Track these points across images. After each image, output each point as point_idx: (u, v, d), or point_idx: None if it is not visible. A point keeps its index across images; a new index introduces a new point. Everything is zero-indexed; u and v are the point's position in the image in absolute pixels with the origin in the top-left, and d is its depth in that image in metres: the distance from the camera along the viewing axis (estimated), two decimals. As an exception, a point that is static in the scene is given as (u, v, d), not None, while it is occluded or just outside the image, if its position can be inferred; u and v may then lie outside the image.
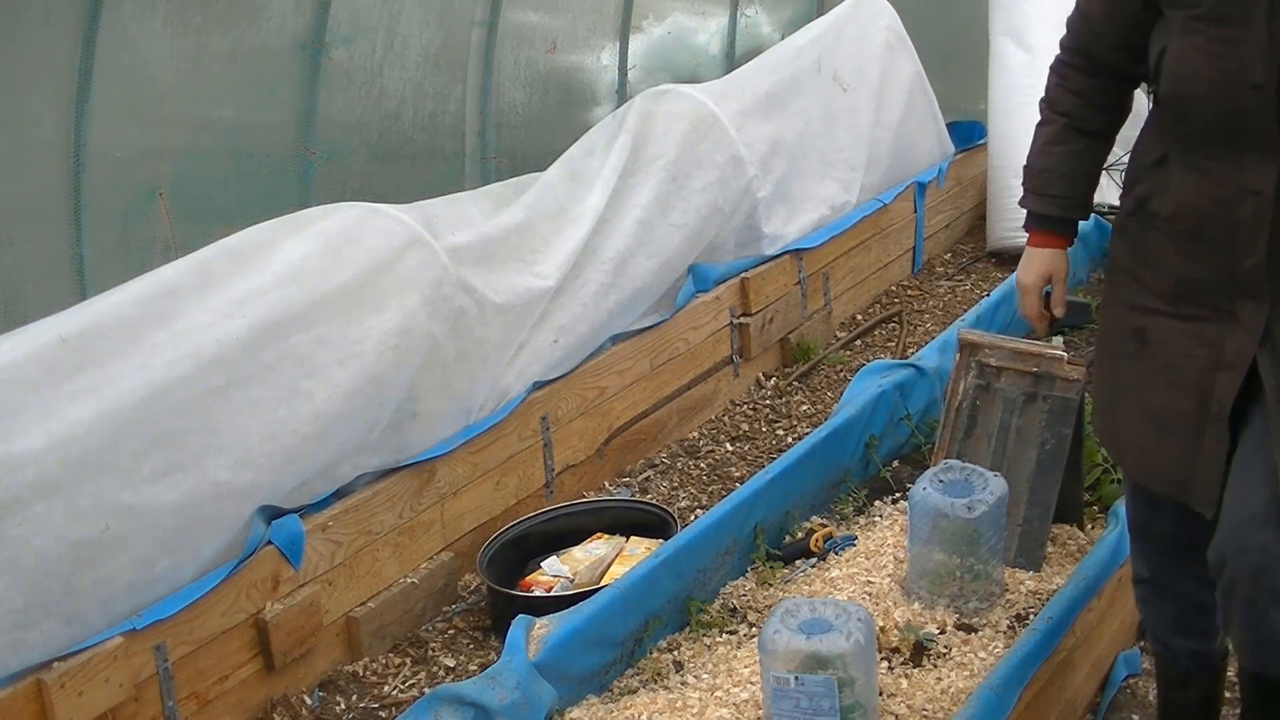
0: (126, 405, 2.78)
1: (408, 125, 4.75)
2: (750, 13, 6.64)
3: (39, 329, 2.79)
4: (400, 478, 3.44)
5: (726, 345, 4.77)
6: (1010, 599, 3.22)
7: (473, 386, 3.67)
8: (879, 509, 3.78)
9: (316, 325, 3.21)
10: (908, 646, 3.03)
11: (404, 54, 4.65)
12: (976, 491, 3.13)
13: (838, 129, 5.52)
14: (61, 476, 2.65)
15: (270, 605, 3.07)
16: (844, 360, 5.12)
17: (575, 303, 4.07)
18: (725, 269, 4.80)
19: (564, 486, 4.02)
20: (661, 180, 4.40)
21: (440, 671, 3.30)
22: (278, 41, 4.20)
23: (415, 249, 3.49)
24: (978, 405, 3.54)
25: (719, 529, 3.35)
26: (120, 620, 2.77)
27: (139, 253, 3.78)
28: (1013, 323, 4.92)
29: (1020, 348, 3.55)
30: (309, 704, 3.16)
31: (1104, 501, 3.56)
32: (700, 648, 3.16)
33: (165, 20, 3.79)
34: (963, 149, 6.63)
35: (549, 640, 2.87)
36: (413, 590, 3.44)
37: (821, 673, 2.56)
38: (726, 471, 4.30)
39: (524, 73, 5.25)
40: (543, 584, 3.47)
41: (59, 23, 3.51)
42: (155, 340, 2.90)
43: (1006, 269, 5.85)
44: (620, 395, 4.23)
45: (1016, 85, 6.27)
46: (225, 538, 3.01)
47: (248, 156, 4.20)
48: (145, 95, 3.84)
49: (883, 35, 5.92)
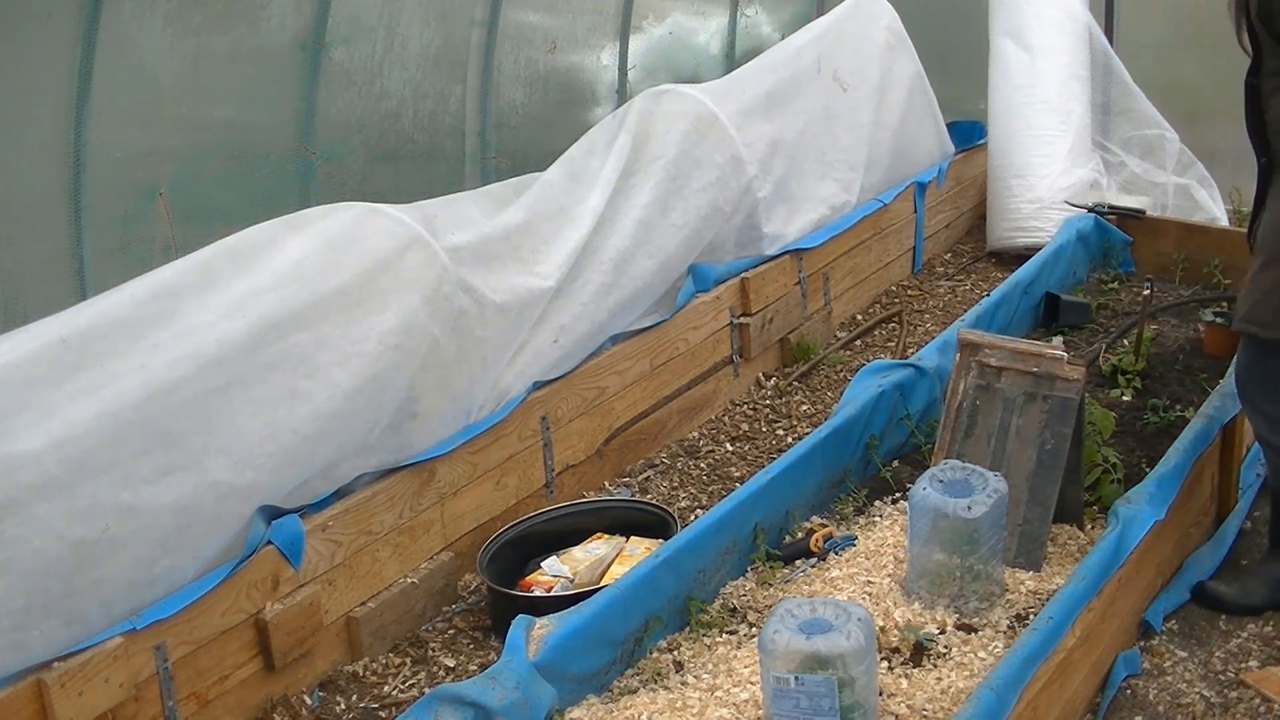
0: (126, 405, 2.78)
1: (408, 125, 4.75)
2: (750, 13, 6.65)
3: (39, 329, 2.79)
4: (400, 478, 3.44)
5: (726, 345, 4.77)
6: (1010, 599, 3.22)
7: (473, 386, 3.67)
8: (879, 509, 3.78)
9: (316, 325, 3.21)
10: (908, 646, 3.03)
11: (404, 54, 4.65)
12: (976, 491, 3.13)
13: (837, 129, 5.52)
14: (61, 476, 2.65)
15: (270, 605, 3.07)
16: (844, 360, 5.12)
17: (575, 303, 4.07)
18: (725, 269, 4.80)
19: (564, 486, 4.02)
20: (661, 180, 4.40)
21: (440, 671, 3.30)
22: (277, 41, 4.21)
23: (415, 249, 3.49)
24: (978, 405, 3.54)
25: (719, 529, 3.35)
26: (120, 620, 2.78)
27: (139, 253, 3.78)
28: (1013, 323, 4.93)
29: (1020, 348, 3.55)
30: (309, 704, 3.16)
31: (1104, 501, 3.55)
32: (700, 648, 3.16)
33: (165, 20, 3.80)
34: (963, 149, 6.63)
35: (549, 640, 2.87)
36: (413, 590, 3.44)
37: (821, 673, 2.57)
38: (726, 471, 4.30)
39: (524, 73, 5.25)
40: (543, 584, 3.47)
41: (59, 23, 3.51)
42: (155, 340, 2.90)
43: (1006, 269, 5.85)
44: (620, 395, 4.24)
45: (1016, 85, 6.27)
46: (225, 538, 3.02)
47: (248, 156, 4.20)
48: (145, 95, 3.84)
49: (883, 35, 5.93)
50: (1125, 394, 4.43)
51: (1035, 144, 6.18)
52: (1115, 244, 5.74)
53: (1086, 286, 5.58)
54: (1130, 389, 4.45)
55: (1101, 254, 5.75)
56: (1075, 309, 5.16)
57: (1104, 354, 4.72)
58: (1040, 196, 6.10)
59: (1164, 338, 4.98)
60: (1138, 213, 5.78)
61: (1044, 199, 6.09)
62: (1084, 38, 6.35)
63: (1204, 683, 3.10)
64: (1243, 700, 3.02)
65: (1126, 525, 3.14)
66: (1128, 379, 4.49)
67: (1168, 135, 6.31)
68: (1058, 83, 6.22)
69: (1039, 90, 6.24)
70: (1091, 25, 6.40)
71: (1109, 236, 5.74)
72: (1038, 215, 6.09)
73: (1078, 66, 6.29)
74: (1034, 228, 6.08)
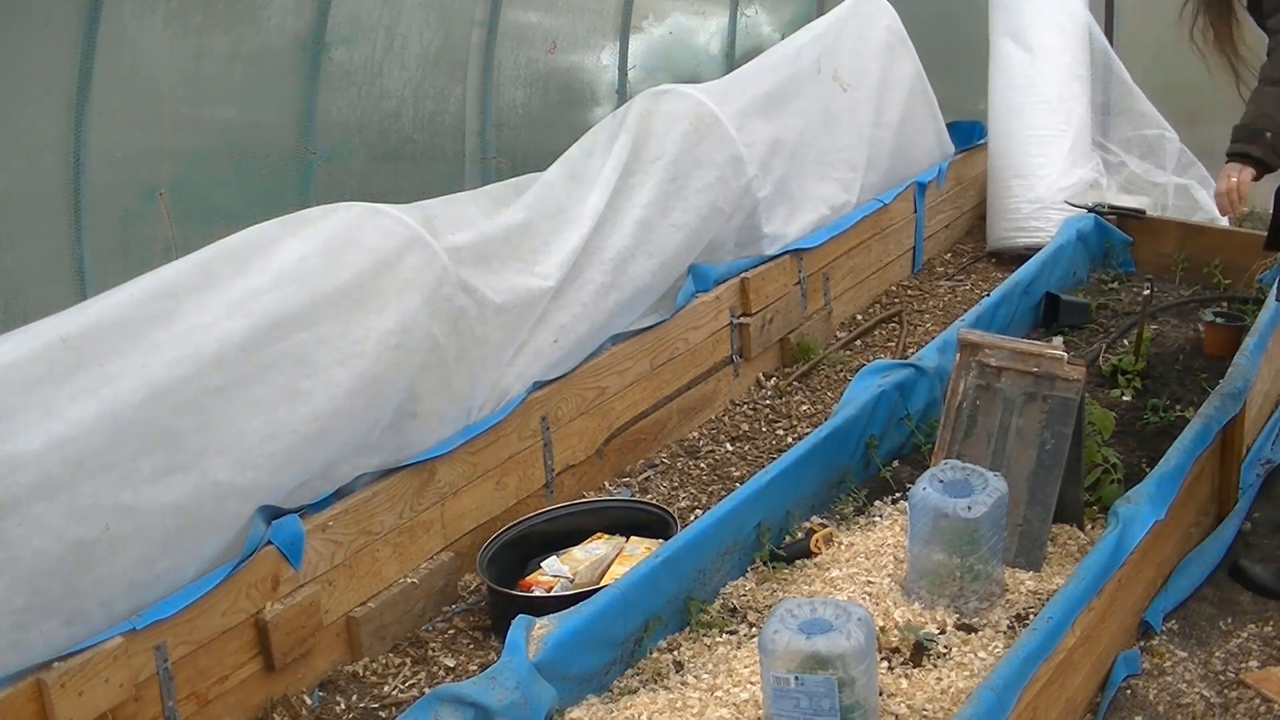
0: (126, 405, 2.78)
1: (408, 125, 4.75)
2: (750, 13, 6.65)
3: (39, 329, 2.79)
4: (400, 478, 3.44)
5: (726, 345, 4.77)
6: (1010, 599, 3.22)
7: (473, 386, 3.67)
8: (879, 509, 3.78)
9: (316, 325, 3.21)
10: (908, 646, 3.03)
11: (404, 54, 4.66)
12: (976, 491, 3.13)
13: (838, 129, 5.52)
14: (61, 476, 2.65)
15: (270, 605, 3.07)
16: (844, 360, 5.12)
17: (575, 303, 4.07)
18: (725, 269, 4.80)
19: (564, 486, 4.02)
20: (661, 180, 4.40)
21: (440, 671, 3.30)
22: (278, 41, 4.21)
23: (415, 249, 3.49)
24: (978, 405, 3.54)
25: (719, 529, 3.35)
26: (120, 620, 2.77)
27: (139, 253, 3.78)
28: (1013, 323, 4.93)
29: (1020, 348, 3.55)
30: (309, 704, 3.16)
31: (1104, 501, 3.55)
32: (700, 648, 3.15)
33: (165, 20, 3.80)
34: (963, 149, 6.63)
35: (549, 640, 2.86)
36: (413, 590, 3.44)
37: (821, 673, 2.57)
38: (726, 471, 4.30)
39: (524, 73, 5.25)
40: (543, 584, 3.47)
41: (59, 23, 3.51)
42: (155, 340, 2.90)
43: (1006, 269, 5.85)
44: (620, 395, 4.24)
45: (1016, 85, 6.28)
46: (225, 538, 3.02)
47: (248, 156, 4.20)
48: (145, 95, 3.84)
49: (883, 35, 5.93)
50: (1125, 394, 4.43)
51: (1035, 144, 6.19)
52: (1115, 244, 5.74)
53: (1086, 286, 5.58)
54: (1130, 389, 4.45)
55: (1101, 254, 5.75)
56: (1075, 309, 5.16)
57: (1104, 354, 4.72)
58: (1040, 196, 6.10)
59: (1164, 338, 4.98)
60: (1138, 213, 5.78)
61: (1044, 199, 6.09)
62: (1084, 38, 6.35)
63: (1204, 683, 3.10)
64: (1243, 700, 3.02)
65: (1126, 525, 3.14)
66: (1128, 379, 4.49)
67: (1168, 135, 6.31)
68: (1058, 83, 6.22)
69: (1039, 90, 6.24)
70: (1091, 25, 6.40)
71: (1109, 236, 5.74)
72: (1038, 215, 6.10)
73: (1078, 66, 6.30)
74: (1034, 228, 6.09)
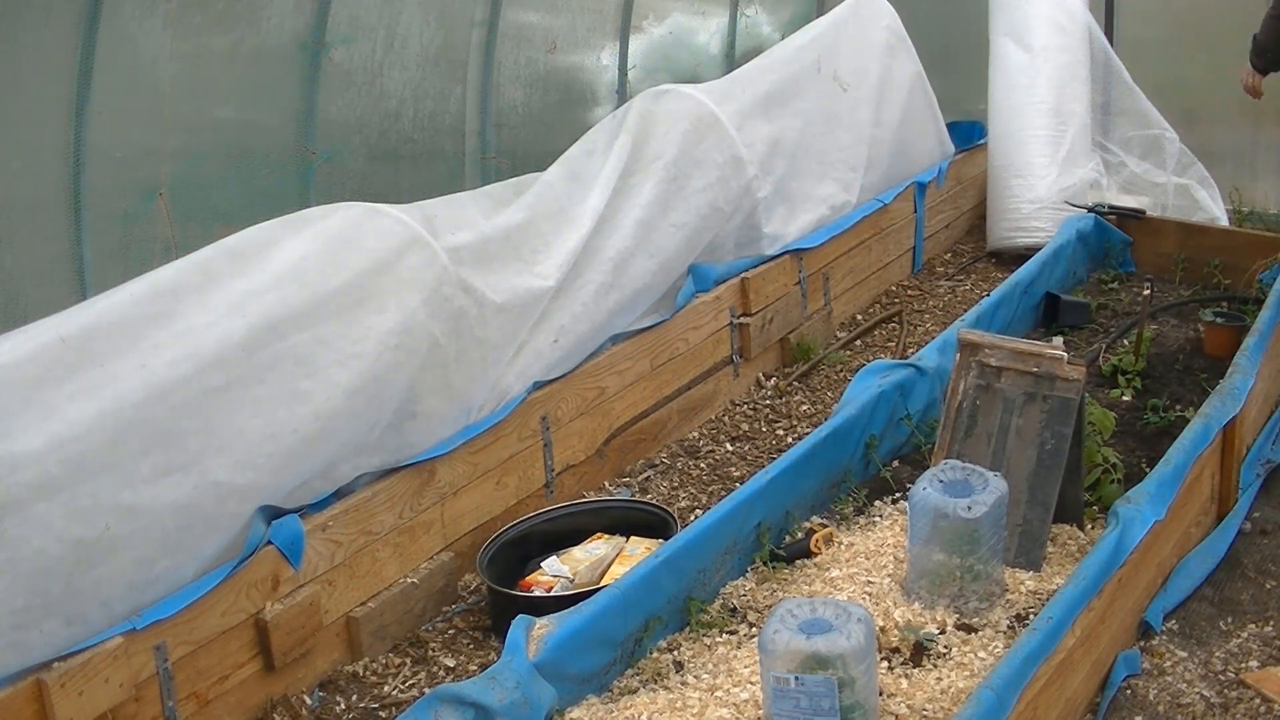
0: (126, 405, 2.78)
1: (408, 125, 4.75)
2: (750, 13, 6.65)
3: (39, 329, 2.79)
4: (400, 478, 3.44)
5: (726, 345, 4.77)
6: (1010, 599, 3.22)
7: (473, 386, 3.67)
8: (879, 509, 3.78)
9: (316, 325, 3.21)
10: (908, 646, 3.03)
11: (404, 54, 4.65)
12: (976, 491, 3.13)
13: (838, 129, 5.52)
14: (61, 476, 2.65)
15: (270, 605, 3.07)
16: (844, 360, 5.12)
17: (575, 303, 4.07)
18: (725, 269, 4.80)
19: (564, 486, 4.02)
20: (661, 180, 4.40)
21: (440, 671, 3.30)
22: (277, 41, 4.21)
23: (415, 249, 3.49)
24: (978, 405, 3.54)
25: (719, 529, 3.35)
26: (120, 620, 2.77)
27: (139, 253, 3.78)
28: (1013, 323, 4.93)
29: (1020, 348, 3.55)
30: (309, 704, 3.16)
31: (1104, 501, 3.56)
32: (700, 648, 3.15)
33: (165, 20, 3.80)
34: (963, 149, 6.63)
35: (549, 640, 2.86)
36: (413, 590, 3.44)
37: (821, 673, 2.56)
38: (726, 471, 4.30)
39: (524, 73, 5.25)
40: (543, 584, 3.47)
41: (59, 23, 3.51)
42: (155, 340, 2.90)
43: (1006, 269, 5.85)
44: (620, 395, 4.24)
45: (1016, 85, 6.28)
46: (225, 538, 3.02)
47: (248, 156, 4.20)
48: (145, 95, 3.84)
49: (883, 35, 5.93)
50: (1125, 394, 4.43)
51: (1035, 144, 6.19)
52: (1115, 244, 5.75)
53: (1086, 286, 5.58)
54: (1130, 389, 4.45)
55: (1101, 254, 5.75)
56: (1075, 309, 5.16)
57: (1104, 354, 4.72)
58: (1040, 196, 6.10)
59: (1164, 338, 4.98)
60: (1138, 213, 5.78)
61: (1044, 199, 6.09)
62: (1084, 38, 6.35)
63: (1204, 683, 3.10)
64: (1243, 700, 3.02)
65: (1126, 525, 3.13)
66: (1128, 379, 4.49)
67: (1168, 135, 6.31)
68: (1058, 83, 6.22)
69: (1039, 90, 6.24)
70: (1091, 25, 6.40)
71: (1109, 236, 5.74)
72: (1038, 215, 6.10)
73: (1078, 66, 6.29)
74: (1034, 228, 6.09)
